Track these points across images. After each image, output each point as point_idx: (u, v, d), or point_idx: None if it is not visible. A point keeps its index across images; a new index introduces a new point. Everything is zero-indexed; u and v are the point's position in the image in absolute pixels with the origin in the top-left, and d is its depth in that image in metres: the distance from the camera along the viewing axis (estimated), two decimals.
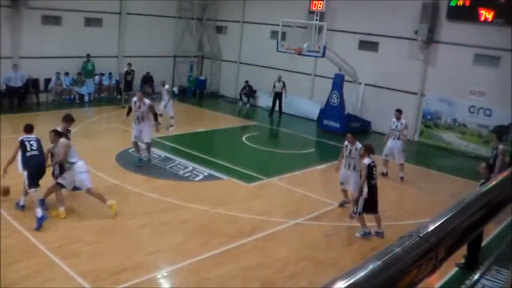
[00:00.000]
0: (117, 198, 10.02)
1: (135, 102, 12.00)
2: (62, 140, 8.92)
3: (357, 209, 8.92)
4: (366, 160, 8.92)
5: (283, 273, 7.62)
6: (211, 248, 8.17)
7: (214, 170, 12.40)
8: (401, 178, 12.89)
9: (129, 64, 19.76)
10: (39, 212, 8.26)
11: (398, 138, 12.79)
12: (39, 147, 8.87)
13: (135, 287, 6.81)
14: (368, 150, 9.06)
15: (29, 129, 9.08)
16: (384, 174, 12.78)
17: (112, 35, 21.26)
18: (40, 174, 8.75)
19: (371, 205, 8.94)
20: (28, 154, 8.67)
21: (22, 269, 6.91)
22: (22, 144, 8.74)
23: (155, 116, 12.18)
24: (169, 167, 12.47)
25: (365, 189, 8.86)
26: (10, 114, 16.59)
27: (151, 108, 12.04)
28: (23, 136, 8.91)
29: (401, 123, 12.78)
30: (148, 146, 12.34)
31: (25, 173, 8.64)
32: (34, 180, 8.56)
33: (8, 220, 8.44)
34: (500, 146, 9.88)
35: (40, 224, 8.24)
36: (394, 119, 12.90)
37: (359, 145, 9.85)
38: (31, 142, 8.79)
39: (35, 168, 8.67)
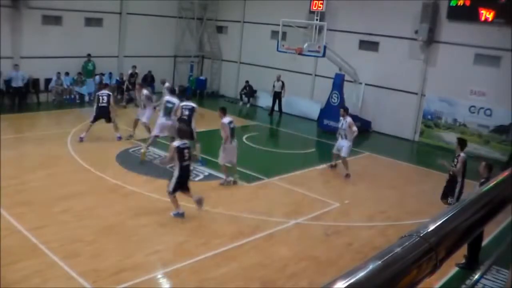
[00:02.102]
0: (117, 198, 10.05)
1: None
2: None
3: (169, 187, 9.19)
4: (176, 142, 9.33)
5: (283, 273, 7.62)
6: (211, 248, 8.17)
7: (214, 170, 12.40)
8: (346, 175, 12.74)
9: (134, 67, 19.89)
10: None
11: (346, 137, 12.66)
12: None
13: (135, 287, 6.82)
14: (179, 133, 9.57)
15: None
16: (333, 166, 13.36)
17: (112, 35, 21.27)
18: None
19: (183, 185, 9.28)
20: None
21: (22, 269, 6.91)
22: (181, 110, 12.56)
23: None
24: (169, 167, 12.39)
25: (177, 171, 9.20)
26: (11, 114, 16.62)
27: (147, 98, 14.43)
28: (183, 103, 12.71)
29: (346, 121, 12.64)
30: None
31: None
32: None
33: (8, 220, 8.44)
34: (462, 154, 9.53)
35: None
36: (341, 118, 12.84)
37: (226, 119, 11.42)
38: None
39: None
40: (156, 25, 22.44)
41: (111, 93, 14.35)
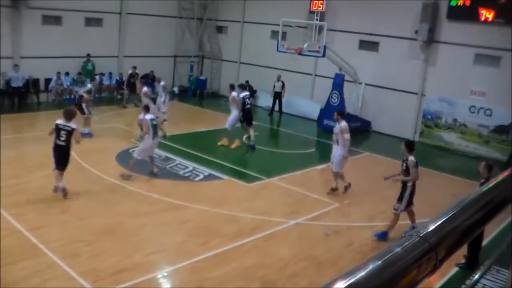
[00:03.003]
0: (117, 198, 10.05)
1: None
2: None
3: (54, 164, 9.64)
4: (58, 120, 9.59)
5: (283, 273, 7.62)
6: (211, 248, 8.17)
7: (214, 170, 12.40)
8: (345, 188, 11.39)
9: (134, 67, 19.89)
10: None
11: (338, 143, 11.22)
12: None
13: (135, 287, 6.82)
14: (65, 114, 9.65)
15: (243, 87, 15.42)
16: (333, 190, 11.44)
17: (112, 35, 21.26)
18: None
19: (59, 163, 9.61)
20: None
21: (22, 269, 6.91)
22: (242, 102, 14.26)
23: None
24: (169, 167, 12.47)
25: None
26: (11, 114, 16.61)
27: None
28: (242, 94, 14.40)
29: (340, 126, 11.17)
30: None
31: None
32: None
33: (8, 220, 8.44)
34: (411, 158, 9.35)
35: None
36: (336, 122, 11.59)
37: (149, 116, 11.28)
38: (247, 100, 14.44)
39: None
40: (156, 25, 22.45)
41: (87, 91, 15.04)
